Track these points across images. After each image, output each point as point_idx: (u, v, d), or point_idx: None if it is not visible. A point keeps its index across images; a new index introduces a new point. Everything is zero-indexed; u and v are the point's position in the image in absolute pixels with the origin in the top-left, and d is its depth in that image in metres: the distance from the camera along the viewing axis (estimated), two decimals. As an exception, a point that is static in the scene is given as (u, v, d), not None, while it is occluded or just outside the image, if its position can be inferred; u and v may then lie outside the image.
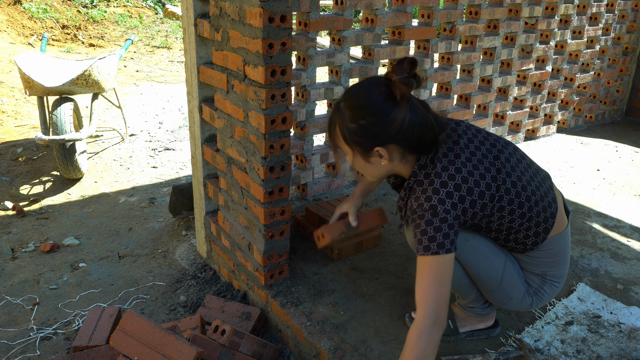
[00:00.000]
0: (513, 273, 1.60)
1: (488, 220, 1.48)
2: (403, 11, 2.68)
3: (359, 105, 1.41)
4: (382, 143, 1.42)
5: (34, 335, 2.02)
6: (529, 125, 3.71)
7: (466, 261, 1.57)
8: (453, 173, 1.41)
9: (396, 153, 1.45)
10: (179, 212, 2.84)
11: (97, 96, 3.59)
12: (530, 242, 1.54)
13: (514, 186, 1.46)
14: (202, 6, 2.01)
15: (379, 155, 1.44)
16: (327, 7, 8.89)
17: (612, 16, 3.91)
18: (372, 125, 1.40)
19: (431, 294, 1.38)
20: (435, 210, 1.38)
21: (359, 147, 1.45)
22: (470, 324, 1.76)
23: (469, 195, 1.41)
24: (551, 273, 1.61)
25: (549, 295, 1.65)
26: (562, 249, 1.59)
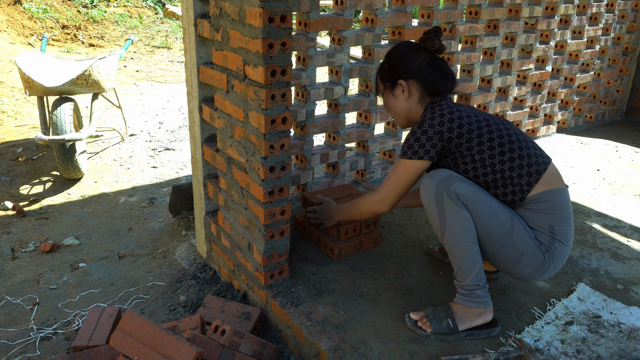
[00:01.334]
0: (521, 227, 1.70)
1: (479, 150, 1.71)
2: (403, 11, 2.68)
3: (394, 50, 1.88)
4: (404, 77, 1.83)
5: (34, 335, 2.02)
6: (529, 125, 3.71)
7: (476, 211, 1.68)
8: (451, 104, 1.78)
9: (415, 90, 1.84)
10: (179, 212, 2.84)
11: (97, 96, 3.59)
12: (525, 182, 1.70)
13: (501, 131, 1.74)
14: (202, 6, 2.01)
15: (402, 89, 1.84)
16: (327, 7, 8.89)
17: (612, 16, 3.91)
18: (398, 63, 1.84)
19: (390, 184, 1.80)
20: (422, 124, 1.74)
21: (389, 82, 1.87)
22: (470, 319, 1.76)
23: (458, 119, 1.72)
24: (558, 229, 1.70)
25: (560, 255, 1.72)
26: (564, 205, 1.73)
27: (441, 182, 1.68)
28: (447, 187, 1.67)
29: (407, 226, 2.49)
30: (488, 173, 1.72)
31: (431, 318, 1.76)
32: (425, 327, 1.76)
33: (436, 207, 1.69)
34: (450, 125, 1.70)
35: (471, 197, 1.67)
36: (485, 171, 1.72)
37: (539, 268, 1.71)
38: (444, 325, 1.75)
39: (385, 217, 2.56)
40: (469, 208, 1.68)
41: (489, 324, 1.78)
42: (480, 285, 1.73)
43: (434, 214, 1.71)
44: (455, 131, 1.70)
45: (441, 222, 1.70)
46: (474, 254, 1.70)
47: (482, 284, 1.73)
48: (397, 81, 1.84)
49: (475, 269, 1.71)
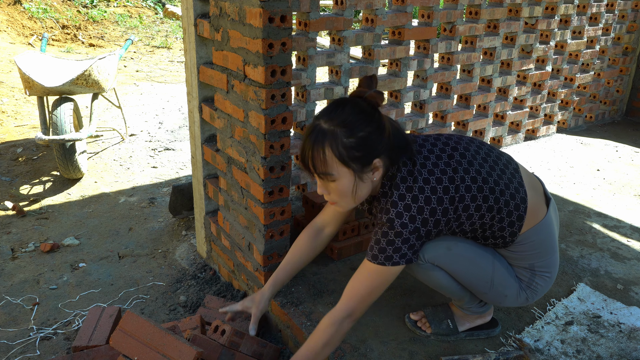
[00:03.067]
0: (503, 271, 1.59)
1: (458, 223, 1.48)
2: (403, 11, 2.68)
3: (352, 119, 1.37)
4: (378, 154, 1.41)
5: (34, 335, 2.02)
6: (529, 125, 3.71)
7: (453, 271, 1.57)
8: (410, 183, 1.43)
9: (382, 168, 1.44)
10: (179, 212, 2.84)
11: (97, 96, 3.59)
12: (508, 233, 1.53)
13: (474, 182, 1.46)
14: (202, 6, 2.01)
15: (374, 169, 1.42)
16: (327, 7, 8.89)
17: (612, 16, 3.91)
18: (371, 135, 1.38)
19: (358, 296, 1.46)
20: (392, 224, 1.40)
21: (358, 162, 1.39)
22: (469, 321, 1.76)
23: (427, 205, 1.41)
24: (539, 264, 1.60)
25: (542, 287, 1.64)
26: (544, 239, 1.57)
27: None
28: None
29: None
30: (469, 235, 1.56)
31: (431, 319, 1.76)
32: (424, 328, 1.76)
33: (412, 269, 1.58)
34: (424, 217, 1.41)
35: (444, 256, 1.52)
36: (466, 236, 1.56)
37: (523, 302, 1.67)
38: (444, 326, 1.75)
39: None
40: (443, 267, 1.55)
41: (489, 324, 1.78)
42: (475, 305, 1.72)
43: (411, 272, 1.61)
44: (430, 221, 1.42)
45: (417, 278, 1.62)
46: (459, 292, 1.65)
47: (476, 304, 1.72)
48: (372, 161, 1.40)
49: (465, 298, 1.69)
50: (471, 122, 3.27)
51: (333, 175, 1.40)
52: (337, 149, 1.37)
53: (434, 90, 3.15)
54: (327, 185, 1.45)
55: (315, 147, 1.38)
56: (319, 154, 1.38)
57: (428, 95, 2.97)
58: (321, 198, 2.27)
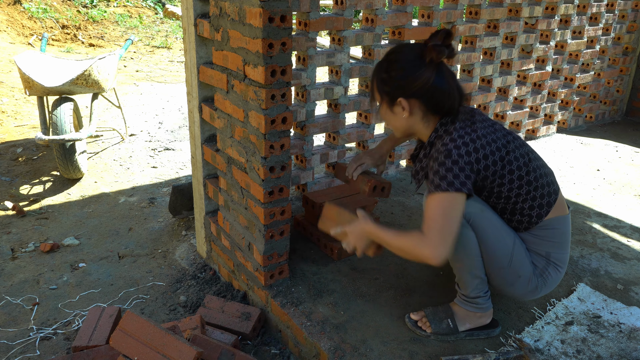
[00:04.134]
0: (522, 251, 1.67)
1: (499, 183, 1.59)
2: (403, 11, 2.68)
3: (394, 59, 1.62)
4: (405, 95, 1.60)
5: (33, 335, 2.02)
6: (529, 125, 3.71)
7: (482, 231, 1.62)
8: (469, 131, 1.57)
9: (417, 109, 1.62)
10: (179, 212, 2.84)
11: (97, 96, 3.59)
12: (535, 214, 1.64)
13: (522, 157, 1.61)
14: (202, 6, 2.01)
15: (402, 107, 1.62)
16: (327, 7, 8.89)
17: (612, 16, 3.91)
18: (399, 78, 1.59)
19: (437, 224, 1.48)
20: (450, 153, 1.52)
21: (387, 96, 1.64)
22: (470, 321, 1.76)
23: (482, 149, 1.55)
24: (555, 255, 1.69)
25: (552, 280, 1.71)
26: (565, 232, 1.69)
27: None
28: None
29: (407, 226, 2.49)
30: (500, 202, 1.64)
31: (431, 318, 1.76)
32: (425, 328, 1.76)
33: None
34: (477, 156, 1.53)
35: (478, 215, 1.60)
36: (499, 201, 1.64)
37: (532, 291, 1.71)
38: (444, 326, 1.75)
39: (385, 217, 2.56)
40: (474, 227, 1.61)
41: (489, 324, 1.78)
42: (481, 295, 1.73)
43: None
44: (482, 163, 1.54)
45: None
46: (475, 269, 1.67)
47: (482, 294, 1.73)
48: (396, 99, 1.62)
49: (475, 282, 1.70)
50: (471, 122, 3.27)
51: (375, 99, 1.72)
52: (377, 79, 1.67)
53: (434, 90, 3.15)
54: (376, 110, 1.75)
55: (372, 73, 1.70)
56: (372, 80, 1.70)
57: (428, 95, 2.96)
58: (321, 198, 2.27)
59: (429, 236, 1.48)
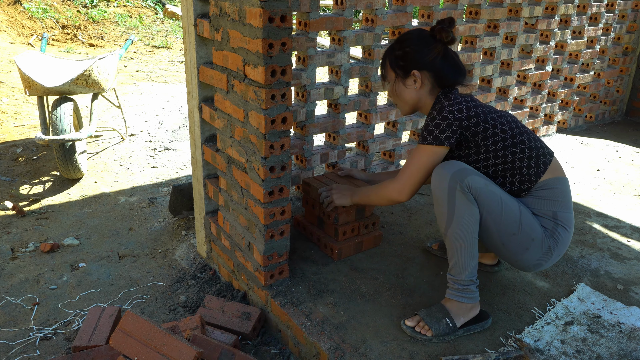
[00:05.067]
0: (528, 215, 1.75)
1: (494, 141, 1.74)
2: (403, 11, 2.68)
3: (407, 38, 1.87)
4: (419, 67, 1.82)
5: (33, 335, 2.02)
6: (529, 125, 3.71)
7: (488, 204, 1.70)
8: (467, 98, 1.79)
9: (427, 81, 1.85)
10: (179, 212, 2.84)
11: (97, 96, 3.59)
12: (533, 172, 1.76)
13: (514, 128, 1.79)
14: (202, 6, 2.01)
15: (414, 79, 1.84)
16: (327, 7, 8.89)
17: (612, 16, 3.91)
18: (413, 52, 1.82)
19: (409, 172, 1.79)
20: (441, 109, 1.75)
21: (401, 70, 1.86)
22: (463, 315, 1.77)
23: (475, 109, 1.75)
24: (561, 215, 1.77)
25: (563, 240, 1.77)
26: (566, 192, 1.80)
27: (455, 174, 1.68)
28: (461, 180, 1.67)
29: (407, 226, 2.49)
30: (499, 163, 1.76)
31: (428, 320, 1.75)
32: (424, 332, 1.75)
33: (447, 199, 1.69)
34: (469, 114, 1.73)
35: (483, 190, 1.69)
36: (497, 162, 1.76)
37: (546, 253, 1.76)
38: (444, 326, 1.74)
39: (385, 217, 2.56)
40: (479, 201, 1.70)
41: (480, 317, 1.80)
42: (474, 280, 1.76)
43: (443, 206, 1.70)
44: (473, 120, 1.73)
45: (449, 215, 1.70)
46: (473, 250, 1.72)
47: (475, 280, 1.76)
48: (410, 71, 1.84)
49: (472, 265, 1.73)
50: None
51: (387, 77, 1.92)
52: (391, 56, 1.88)
53: (434, 90, 3.15)
54: (388, 87, 1.94)
55: (384, 56, 1.92)
56: (384, 60, 1.92)
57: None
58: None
59: (399, 180, 1.81)
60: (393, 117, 2.87)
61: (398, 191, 1.81)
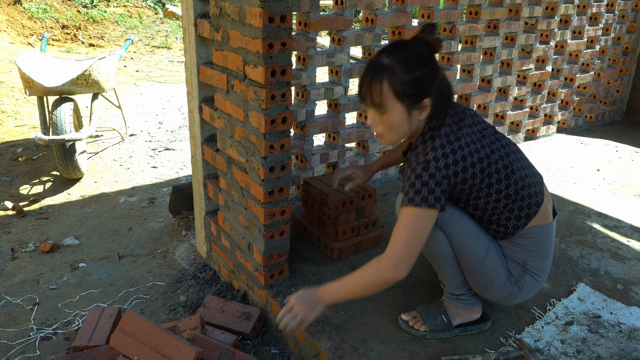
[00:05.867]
0: (496, 257, 1.63)
1: (476, 196, 1.54)
2: (403, 11, 2.68)
3: (412, 57, 1.48)
4: (430, 95, 1.50)
5: (33, 335, 2.02)
6: (529, 125, 3.71)
7: (451, 235, 1.60)
8: (452, 139, 1.49)
9: (430, 109, 1.53)
10: (179, 212, 2.84)
11: (97, 96, 3.59)
12: (512, 225, 1.59)
13: (505, 168, 1.54)
14: (202, 6, 2.01)
15: (422, 107, 1.51)
16: (327, 7, 8.89)
17: (612, 16, 3.91)
18: (425, 76, 1.48)
19: (402, 241, 1.46)
20: (428, 165, 1.47)
21: (411, 99, 1.49)
22: (461, 316, 1.77)
23: (463, 161, 1.48)
24: (532, 264, 1.64)
25: (529, 288, 1.67)
26: (545, 241, 1.63)
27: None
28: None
29: (407, 226, 2.49)
30: (477, 213, 1.61)
31: (424, 316, 1.76)
32: (417, 327, 1.76)
33: None
34: (456, 169, 1.47)
35: (447, 219, 1.58)
36: (475, 212, 1.61)
37: (507, 298, 1.69)
38: (439, 322, 1.75)
39: (385, 218, 2.56)
40: (444, 229, 1.59)
41: (480, 319, 1.80)
42: (465, 292, 1.74)
43: None
44: (460, 176, 1.49)
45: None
46: (453, 268, 1.67)
47: (466, 291, 1.74)
48: (422, 99, 1.49)
49: (456, 280, 1.71)
50: (471, 122, 3.27)
51: (386, 107, 1.50)
52: (394, 83, 1.47)
53: (434, 90, 3.15)
54: (379, 117, 1.53)
55: (374, 80, 1.48)
56: (378, 86, 1.48)
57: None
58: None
59: (390, 254, 1.46)
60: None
61: (393, 268, 1.45)
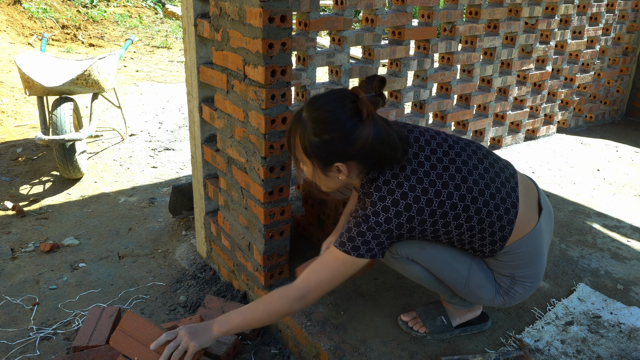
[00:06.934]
0: (479, 275, 1.59)
1: (434, 236, 1.47)
2: (403, 11, 2.68)
3: (323, 119, 1.38)
4: (343, 159, 1.41)
5: (33, 335, 2.01)
6: (529, 125, 3.71)
7: (427, 266, 1.58)
8: (393, 188, 1.40)
9: (354, 169, 1.44)
10: (179, 212, 2.84)
11: (97, 96, 3.59)
12: (488, 250, 1.52)
13: (462, 200, 1.42)
14: (202, 6, 2.01)
15: (338, 170, 1.43)
16: (327, 7, 8.89)
17: (612, 16, 3.91)
18: (335, 142, 1.38)
19: (317, 279, 1.44)
20: (367, 219, 1.39)
21: (319, 160, 1.42)
22: (460, 316, 1.77)
23: (407, 212, 1.39)
24: (520, 274, 1.57)
25: (521, 295, 1.62)
26: (530, 251, 1.54)
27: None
28: (391, 251, 1.57)
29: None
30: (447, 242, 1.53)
31: (424, 317, 1.76)
32: (417, 327, 1.76)
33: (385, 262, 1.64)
34: (399, 222, 1.39)
35: (417, 253, 1.55)
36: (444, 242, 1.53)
37: (500, 306, 1.67)
38: (438, 323, 1.75)
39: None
40: (417, 261, 1.57)
41: (480, 318, 1.79)
42: (458, 298, 1.73)
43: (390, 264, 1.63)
44: (406, 227, 1.40)
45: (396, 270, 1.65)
46: (440, 285, 1.66)
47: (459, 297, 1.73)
48: (332, 163, 1.42)
49: (448, 293, 1.70)
50: (471, 122, 3.27)
51: (302, 161, 1.48)
52: (303, 142, 1.42)
53: (434, 90, 3.15)
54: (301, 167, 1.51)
55: (291, 132, 1.46)
56: (293, 138, 1.46)
57: (428, 95, 2.97)
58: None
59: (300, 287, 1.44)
60: (393, 116, 2.87)
61: (300, 299, 1.44)
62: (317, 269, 1.45)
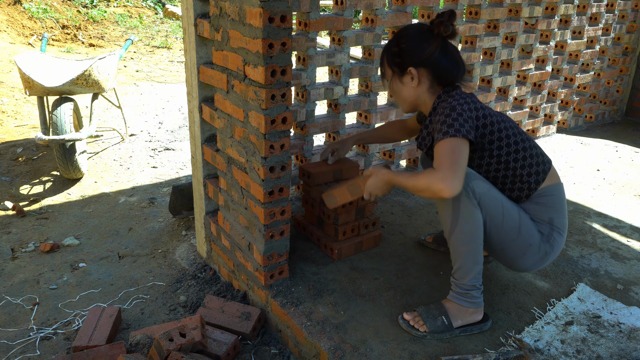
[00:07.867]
0: (527, 221, 1.76)
1: (498, 145, 1.72)
2: (403, 11, 2.68)
3: (404, 34, 1.80)
4: (415, 64, 1.76)
5: (33, 335, 2.02)
6: (529, 125, 3.71)
7: (491, 209, 1.70)
8: (470, 96, 1.73)
9: (425, 79, 1.78)
10: (179, 212, 2.84)
11: (97, 96, 3.59)
12: (533, 180, 1.76)
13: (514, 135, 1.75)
14: (202, 6, 2.01)
15: (411, 76, 1.77)
16: (327, 7, 8.89)
17: (612, 16, 3.91)
18: (409, 49, 1.76)
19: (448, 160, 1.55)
20: (454, 107, 1.65)
21: (397, 67, 1.80)
22: (462, 318, 1.77)
23: (482, 109, 1.71)
24: (557, 221, 1.78)
25: (558, 244, 1.79)
26: (562, 199, 1.81)
27: None
28: (465, 184, 1.65)
29: (407, 226, 2.49)
30: (501, 169, 1.75)
31: (425, 317, 1.76)
32: (418, 326, 1.76)
33: (452, 203, 1.67)
34: (477, 114, 1.68)
35: (486, 195, 1.69)
36: (499, 167, 1.74)
37: (542, 258, 1.78)
38: (439, 323, 1.75)
39: (385, 217, 2.56)
40: (482, 206, 1.69)
41: (480, 319, 1.80)
42: (477, 286, 1.75)
43: (447, 210, 1.69)
44: (482, 120, 1.69)
45: (453, 219, 1.68)
46: (478, 255, 1.71)
47: (478, 285, 1.75)
48: (406, 68, 1.77)
49: (475, 270, 1.72)
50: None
51: (386, 75, 1.87)
52: (387, 53, 1.84)
53: (434, 90, 3.15)
54: (386, 85, 1.89)
55: (382, 52, 1.87)
56: (382, 57, 1.87)
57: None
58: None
59: (441, 170, 1.55)
60: (393, 117, 2.87)
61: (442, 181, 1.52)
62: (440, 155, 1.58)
